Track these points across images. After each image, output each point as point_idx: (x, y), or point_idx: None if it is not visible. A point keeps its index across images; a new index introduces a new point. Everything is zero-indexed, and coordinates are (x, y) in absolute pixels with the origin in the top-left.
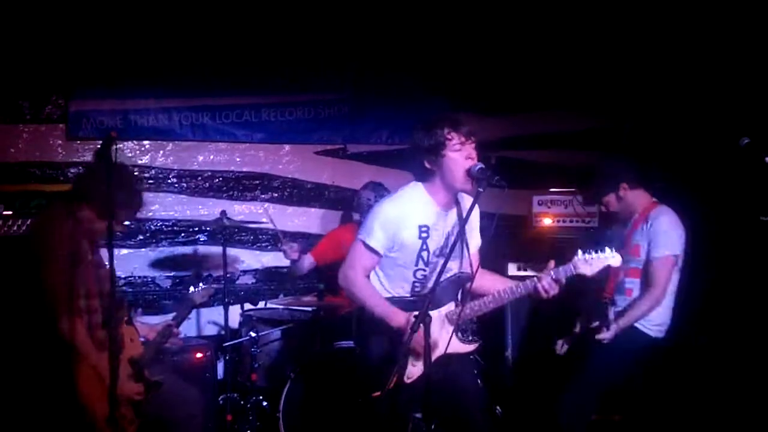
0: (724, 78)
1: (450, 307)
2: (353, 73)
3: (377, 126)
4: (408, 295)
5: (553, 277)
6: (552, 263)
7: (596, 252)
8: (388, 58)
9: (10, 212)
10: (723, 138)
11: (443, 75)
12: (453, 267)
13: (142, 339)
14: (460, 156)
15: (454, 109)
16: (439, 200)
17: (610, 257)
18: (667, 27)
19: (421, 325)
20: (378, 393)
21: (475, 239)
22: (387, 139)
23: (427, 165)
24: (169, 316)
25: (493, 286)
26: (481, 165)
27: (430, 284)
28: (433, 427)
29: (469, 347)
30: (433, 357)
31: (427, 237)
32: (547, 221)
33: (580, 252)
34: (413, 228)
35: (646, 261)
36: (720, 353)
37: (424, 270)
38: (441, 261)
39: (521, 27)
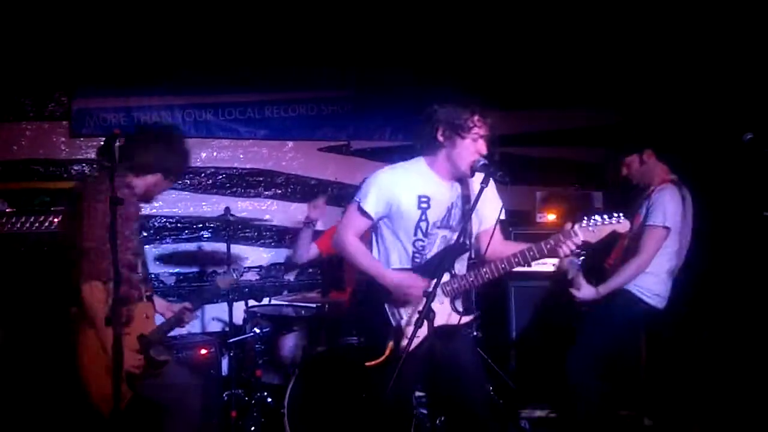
0: (728, 74)
1: (445, 278)
2: (356, 69)
3: (380, 122)
4: (408, 266)
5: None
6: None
7: (601, 217)
8: (391, 54)
9: (14, 209)
10: (726, 133)
11: (447, 71)
12: (453, 239)
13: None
14: (473, 145)
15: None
16: (442, 174)
17: (616, 223)
18: (671, 24)
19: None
20: (372, 362)
21: (489, 215)
22: (390, 135)
23: (439, 137)
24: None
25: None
26: (484, 161)
27: (429, 255)
28: (438, 423)
29: (466, 319)
30: (429, 328)
31: (428, 208)
32: (551, 217)
33: (584, 220)
34: (413, 197)
35: (640, 228)
36: (722, 348)
37: (423, 241)
38: (441, 233)
39: (525, 24)
